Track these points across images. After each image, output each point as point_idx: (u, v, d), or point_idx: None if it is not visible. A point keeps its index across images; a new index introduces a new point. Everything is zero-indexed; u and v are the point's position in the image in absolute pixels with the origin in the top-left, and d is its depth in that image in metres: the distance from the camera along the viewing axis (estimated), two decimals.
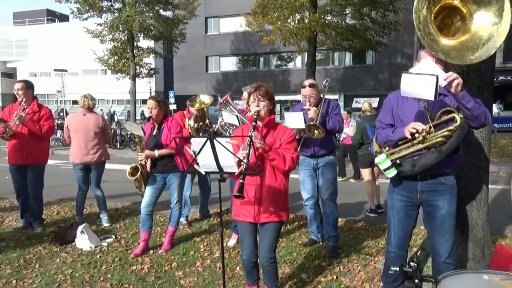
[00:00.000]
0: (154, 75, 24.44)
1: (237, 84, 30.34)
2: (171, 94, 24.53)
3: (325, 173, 4.19)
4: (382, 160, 2.53)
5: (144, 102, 33.70)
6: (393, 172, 2.52)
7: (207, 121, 4.21)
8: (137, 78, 22.00)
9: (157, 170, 4.21)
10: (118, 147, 16.28)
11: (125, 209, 6.11)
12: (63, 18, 47.41)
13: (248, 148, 2.43)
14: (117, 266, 3.91)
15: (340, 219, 4.68)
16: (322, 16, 15.73)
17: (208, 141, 2.32)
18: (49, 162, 5.29)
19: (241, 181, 2.45)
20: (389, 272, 1.67)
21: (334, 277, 3.63)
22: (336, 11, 16.23)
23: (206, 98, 4.72)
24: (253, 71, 31.81)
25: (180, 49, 24.10)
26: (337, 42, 17.06)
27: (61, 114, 23.18)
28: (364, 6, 16.19)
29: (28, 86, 4.87)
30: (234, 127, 4.15)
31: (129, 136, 16.98)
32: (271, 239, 2.82)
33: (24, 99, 4.73)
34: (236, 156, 2.41)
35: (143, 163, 4.22)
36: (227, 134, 4.18)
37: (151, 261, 4.04)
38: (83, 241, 4.41)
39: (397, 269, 1.60)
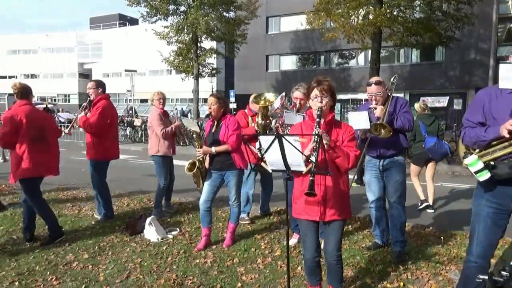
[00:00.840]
0: (216, 75, 25.11)
1: (296, 82, 30.04)
2: (232, 93, 25.06)
3: (393, 174, 4.00)
4: (473, 162, 2.31)
5: (206, 101, 34.88)
6: (485, 175, 2.30)
7: (272, 123, 4.20)
8: (200, 78, 22.75)
9: (215, 167, 4.28)
10: (181, 144, 16.94)
11: (188, 204, 6.32)
12: (133, 21, 50.42)
13: (316, 146, 2.38)
14: (182, 258, 4.05)
15: (407, 224, 4.44)
16: (389, 10, 15.02)
17: (276, 139, 2.30)
18: (120, 156, 5.60)
19: (311, 178, 2.41)
20: (477, 280, 1.54)
21: (401, 284, 3.45)
22: (404, 4, 15.37)
23: (271, 96, 4.71)
24: (313, 70, 31.41)
25: (241, 49, 24.52)
26: (404, 38, 16.20)
27: (130, 112, 24.64)
28: None
29: (98, 85, 5.22)
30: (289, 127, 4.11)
31: (185, 132, 17.64)
32: (338, 237, 2.77)
33: (93, 97, 5.10)
34: (304, 155, 2.37)
35: (201, 159, 4.32)
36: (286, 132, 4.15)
37: (213, 255, 4.13)
38: (151, 232, 4.64)
39: (486, 277, 1.46)
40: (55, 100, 49.63)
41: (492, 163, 2.31)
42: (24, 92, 4.42)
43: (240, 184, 4.46)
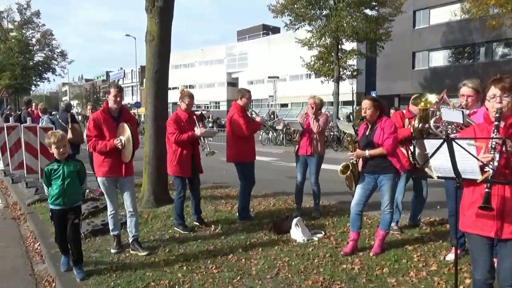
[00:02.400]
0: (357, 76, 24.45)
1: (448, 80, 27.12)
2: (373, 94, 24.03)
3: None
4: None
5: (345, 103, 34.30)
6: None
7: (431, 122, 3.82)
8: (340, 80, 22.48)
9: (368, 170, 4.14)
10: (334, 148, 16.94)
11: (332, 207, 6.28)
12: (276, 30, 52.99)
13: (494, 152, 2.07)
14: (328, 262, 4.04)
15: None
16: None
17: (445, 143, 2.09)
18: (263, 159, 5.91)
19: (487, 190, 2.11)
20: None
21: None
22: None
23: (432, 98, 4.29)
24: (469, 64, 27.80)
25: (384, 48, 23.32)
26: None
27: (272, 116, 25.89)
28: None
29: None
30: (453, 125, 3.63)
31: (332, 136, 17.59)
32: None
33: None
34: (481, 161, 2.09)
35: (354, 162, 4.22)
36: (444, 134, 3.70)
37: (361, 262, 4.00)
38: (297, 233, 4.76)
39: None
40: (207, 107, 55.66)
41: None
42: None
43: (394, 189, 4.22)
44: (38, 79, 44.50)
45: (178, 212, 5.27)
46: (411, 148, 4.57)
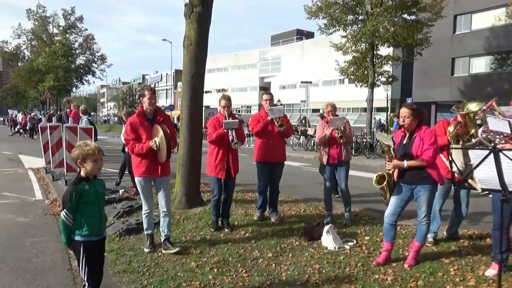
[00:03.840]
0: (392, 83, 23.85)
1: (490, 87, 25.99)
2: (409, 101, 23.37)
3: None
4: None
5: (379, 110, 33.55)
6: None
7: (473, 131, 3.67)
8: (374, 87, 22.01)
9: (405, 180, 4.03)
10: (353, 153, 16.73)
11: (364, 216, 6.15)
12: (309, 35, 52.74)
13: None
14: (360, 271, 3.95)
15: None
16: None
17: (492, 154, 2.00)
18: (293, 164, 5.91)
19: None
20: None
21: None
22: None
23: (473, 106, 4.16)
24: None
25: (421, 55, 22.63)
26: None
27: (303, 121, 25.72)
28: None
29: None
30: (502, 135, 3.49)
31: (364, 143, 17.29)
32: None
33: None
34: None
35: (391, 172, 4.12)
36: (493, 144, 3.55)
37: (394, 273, 3.89)
38: (328, 240, 4.70)
39: None
40: (239, 111, 56.07)
41: None
42: None
43: (432, 201, 4.09)
44: (79, 81, 46.53)
45: (213, 213, 5.41)
46: (450, 155, 4.40)
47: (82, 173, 2.90)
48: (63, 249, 4.94)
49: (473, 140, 4.15)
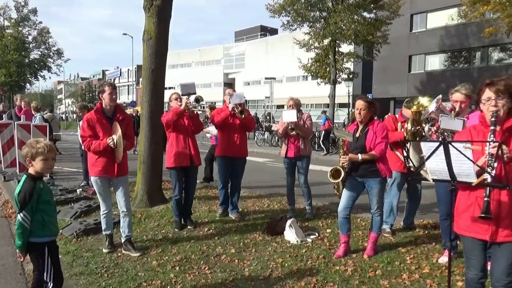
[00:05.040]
0: (353, 79, 24.49)
1: (444, 84, 27.24)
2: (369, 97, 24.06)
3: None
4: None
5: (341, 106, 34.35)
6: None
7: (426, 128, 3.85)
8: (336, 83, 22.51)
9: (356, 174, 4.12)
10: (316, 148, 17.06)
11: (326, 209, 6.28)
12: (273, 31, 53.00)
13: (490, 157, 2.08)
14: (322, 263, 4.03)
15: None
16: None
17: (441, 146, 2.09)
18: (258, 160, 5.92)
19: (486, 199, 2.14)
20: None
21: None
22: None
23: (425, 101, 4.33)
24: (465, 69, 27.96)
25: (380, 50, 23.39)
26: None
27: (268, 117, 25.90)
28: None
29: None
30: (449, 132, 3.67)
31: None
32: (508, 262, 2.36)
33: None
34: (478, 165, 2.09)
35: (345, 166, 4.21)
36: (441, 138, 3.72)
37: (354, 264, 4.00)
38: (290, 234, 4.75)
39: None
40: (203, 107, 55.53)
41: None
42: None
43: (383, 193, 4.23)
44: (33, 77, 44.28)
45: (175, 213, 5.29)
46: (405, 151, 4.58)
47: (32, 172, 2.74)
48: (15, 253, 4.69)
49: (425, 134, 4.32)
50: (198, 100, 5.34)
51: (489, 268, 2.58)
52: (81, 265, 4.03)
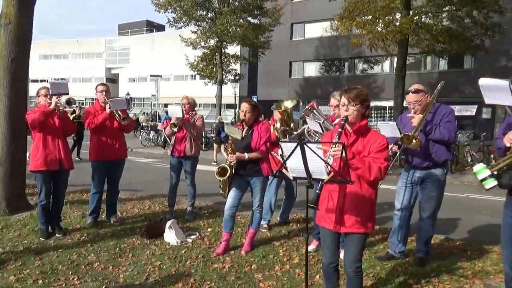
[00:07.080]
0: (239, 81, 25.29)
1: (320, 89, 30.01)
2: (254, 99, 25.18)
3: (427, 188, 3.89)
4: (479, 170, 2.34)
5: (228, 106, 35.16)
6: (490, 183, 2.32)
7: (292, 125, 4.21)
8: (223, 84, 22.96)
9: (242, 172, 4.27)
10: (203, 148, 17.14)
11: (208, 208, 6.35)
12: (160, 28, 51.54)
13: (329, 154, 2.39)
14: (200, 263, 4.06)
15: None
16: (416, 17, 14.76)
17: (298, 146, 2.30)
18: (142, 160, 5.71)
19: (317, 191, 2.42)
20: None
21: None
22: (432, 12, 15.06)
23: (288, 103, 4.87)
24: (337, 77, 31.22)
25: (265, 54, 24.63)
26: (431, 45, 15.86)
27: (154, 116, 25.09)
28: (465, 6, 14.76)
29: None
30: (318, 134, 4.09)
31: (213, 138, 17.87)
32: (356, 249, 2.72)
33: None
34: (326, 162, 2.35)
35: (232, 165, 4.32)
36: (313, 141, 4.12)
37: (232, 260, 4.13)
38: (170, 235, 4.68)
39: None
40: (83, 104, 51.12)
41: (495, 172, 2.34)
42: None
43: (264, 191, 4.46)
44: None
45: (41, 220, 4.74)
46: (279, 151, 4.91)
47: None
48: None
49: (295, 133, 4.73)
50: (70, 102, 4.88)
51: (341, 256, 2.95)
52: None
